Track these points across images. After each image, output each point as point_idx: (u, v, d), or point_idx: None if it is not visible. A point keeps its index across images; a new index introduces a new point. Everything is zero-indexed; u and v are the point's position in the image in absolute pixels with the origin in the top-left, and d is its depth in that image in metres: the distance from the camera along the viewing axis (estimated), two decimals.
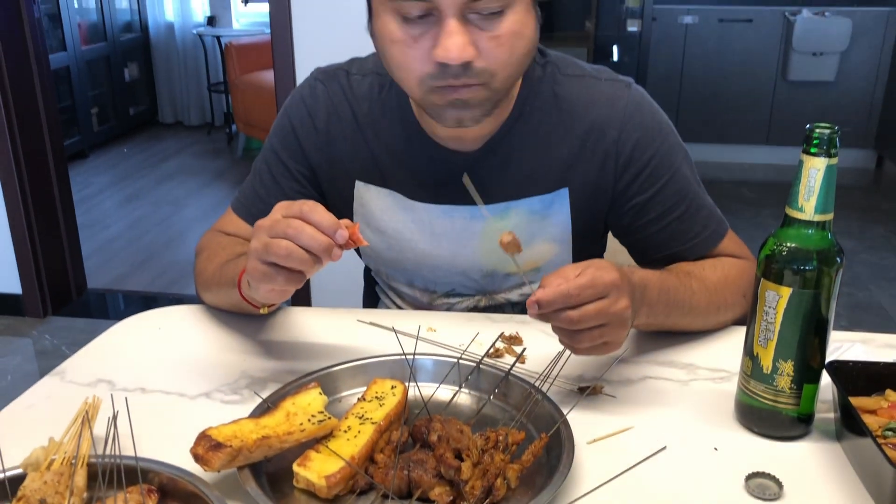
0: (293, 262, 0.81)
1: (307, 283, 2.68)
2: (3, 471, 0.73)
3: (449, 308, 1.18)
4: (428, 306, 1.18)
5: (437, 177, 1.08)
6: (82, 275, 3.30)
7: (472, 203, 1.06)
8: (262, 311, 0.97)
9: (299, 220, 0.81)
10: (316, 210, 0.81)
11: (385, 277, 1.21)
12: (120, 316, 1.11)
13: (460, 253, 1.11)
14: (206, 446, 0.73)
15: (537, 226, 1.09)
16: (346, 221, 0.83)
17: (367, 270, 1.29)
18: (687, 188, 1.07)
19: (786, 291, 0.78)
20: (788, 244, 0.78)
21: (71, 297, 3.22)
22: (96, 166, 5.03)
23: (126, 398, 0.84)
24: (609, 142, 1.04)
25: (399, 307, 1.22)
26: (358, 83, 1.10)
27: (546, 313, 0.80)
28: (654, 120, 1.06)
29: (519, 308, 1.17)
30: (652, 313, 0.93)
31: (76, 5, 5.09)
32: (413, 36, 0.89)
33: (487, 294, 1.16)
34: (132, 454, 0.73)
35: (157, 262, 3.64)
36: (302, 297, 2.75)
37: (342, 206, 1.14)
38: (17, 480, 0.72)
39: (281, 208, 0.84)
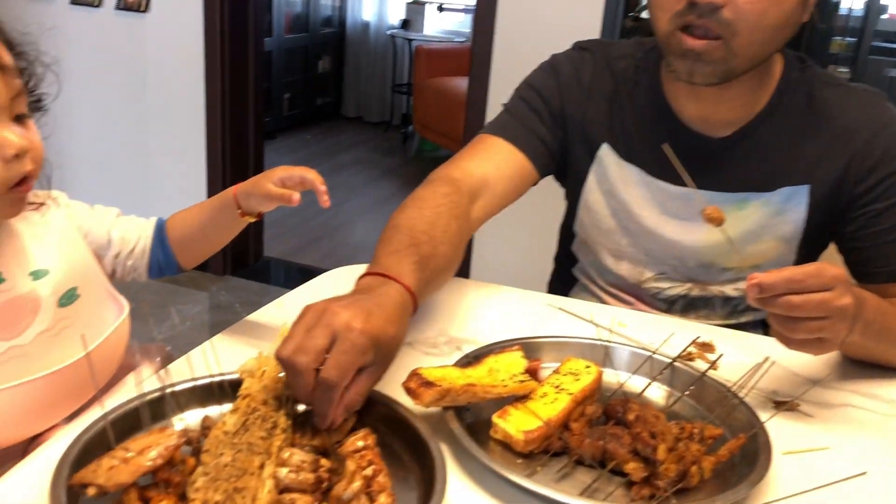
0: None
1: (467, 259, 2.70)
2: (223, 374, 0.82)
3: (657, 293, 1.19)
4: (635, 289, 1.21)
5: (681, 158, 1.10)
6: (261, 243, 3.54)
7: (714, 189, 1.10)
8: None
9: None
10: None
11: (593, 252, 1.23)
12: (290, 284, 1.15)
13: (684, 237, 1.14)
14: (418, 382, 0.78)
15: (770, 221, 1.11)
16: None
17: (560, 254, 1.32)
18: None
19: None
20: None
21: (248, 262, 3.46)
22: (280, 148, 5.37)
23: None
24: (859, 143, 1.06)
25: (602, 288, 1.25)
26: (616, 62, 1.17)
27: (766, 298, 0.79)
28: None
29: (730, 306, 1.18)
30: (867, 331, 0.90)
31: None
32: None
33: (700, 283, 1.17)
34: None
35: (327, 243, 3.84)
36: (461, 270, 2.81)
37: (580, 165, 1.19)
38: (235, 384, 0.80)
39: None
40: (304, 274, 1.14)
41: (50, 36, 0.87)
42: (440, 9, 5.75)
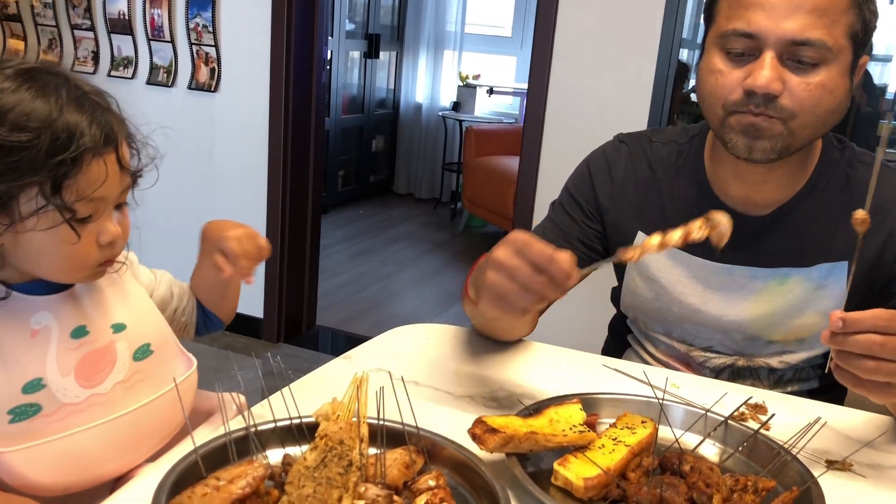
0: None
1: None
2: (300, 417, 0.88)
3: (705, 362, 1.23)
4: (685, 357, 1.24)
5: None
6: (314, 312, 3.63)
7: (755, 265, 1.14)
8: None
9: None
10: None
11: (643, 326, 1.28)
12: (341, 353, 1.18)
13: (728, 312, 1.18)
14: (483, 428, 0.83)
15: (812, 295, 1.14)
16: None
17: (614, 322, 1.37)
18: None
19: None
20: None
21: (301, 330, 3.55)
22: (334, 222, 5.53)
23: (396, 375, 0.97)
24: (894, 221, 1.10)
25: (653, 356, 1.29)
26: (658, 149, 1.23)
27: (845, 335, 0.81)
28: None
29: (775, 377, 1.21)
30: None
31: (344, 79, 5.73)
32: (730, 69, 1.03)
33: (746, 356, 1.21)
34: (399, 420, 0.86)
35: (376, 313, 3.91)
36: None
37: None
38: (310, 427, 0.86)
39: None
40: (354, 343, 1.20)
41: (128, 112, 0.97)
42: (490, 92, 5.95)
